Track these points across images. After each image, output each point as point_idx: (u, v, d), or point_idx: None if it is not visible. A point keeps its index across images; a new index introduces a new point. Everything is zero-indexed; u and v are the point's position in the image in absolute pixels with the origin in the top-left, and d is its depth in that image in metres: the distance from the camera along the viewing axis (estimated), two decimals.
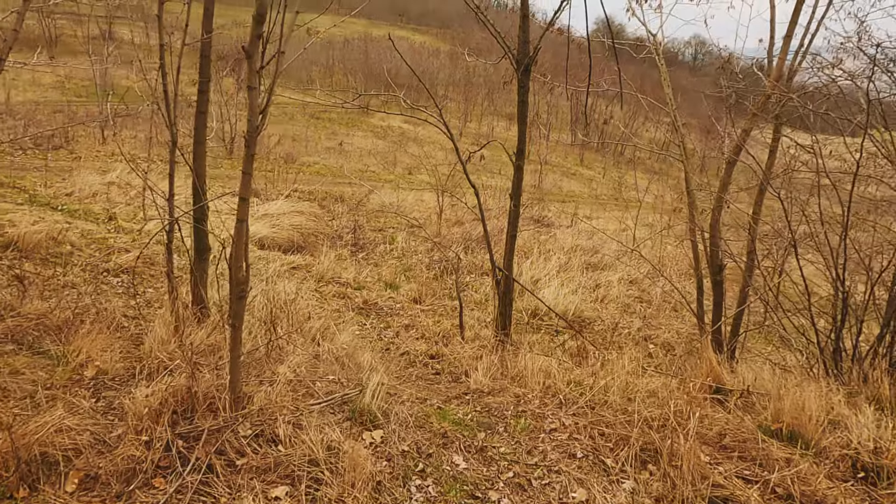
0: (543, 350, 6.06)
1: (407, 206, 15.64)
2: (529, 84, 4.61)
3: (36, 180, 9.10)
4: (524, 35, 4.44)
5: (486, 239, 5.20)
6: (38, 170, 10.48)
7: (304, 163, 22.35)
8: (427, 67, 67.50)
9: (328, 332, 5.10)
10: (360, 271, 9.69)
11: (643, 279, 10.72)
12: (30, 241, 5.90)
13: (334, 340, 4.76)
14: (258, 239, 8.65)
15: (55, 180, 9.26)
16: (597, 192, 33.85)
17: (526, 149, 4.82)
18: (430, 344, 5.79)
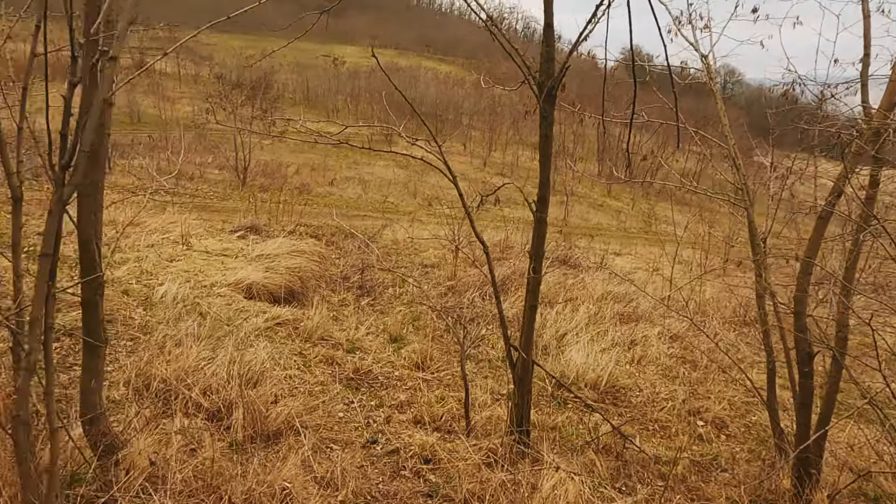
0: (571, 442, 4.84)
1: (422, 243, 14.62)
2: (554, 114, 3.53)
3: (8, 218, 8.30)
4: (548, 50, 3.38)
5: (499, 309, 4.08)
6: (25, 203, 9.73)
7: (319, 193, 21.60)
8: (452, 97, 67.51)
9: (297, 421, 3.99)
10: (362, 322, 8.61)
11: (685, 332, 9.41)
12: None
13: (300, 440, 3.64)
14: (246, 286, 7.66)
15: (30, 217, 8.45)
16: (626, 225, 32.45)
17: (549, 195, 3.72)
18: (429, 433, 4.64)
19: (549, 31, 3.39)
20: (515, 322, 9.18)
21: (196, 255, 8.42)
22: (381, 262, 11.74)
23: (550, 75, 3.42)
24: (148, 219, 9.64)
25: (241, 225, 11.10)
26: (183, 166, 20.54)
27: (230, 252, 9.06)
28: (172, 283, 6.77)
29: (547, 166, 3.66)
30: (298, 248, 9.95)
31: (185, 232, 8.99)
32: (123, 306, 5.98)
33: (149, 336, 5.38)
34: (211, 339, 5.59)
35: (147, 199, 7.67)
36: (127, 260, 7.42)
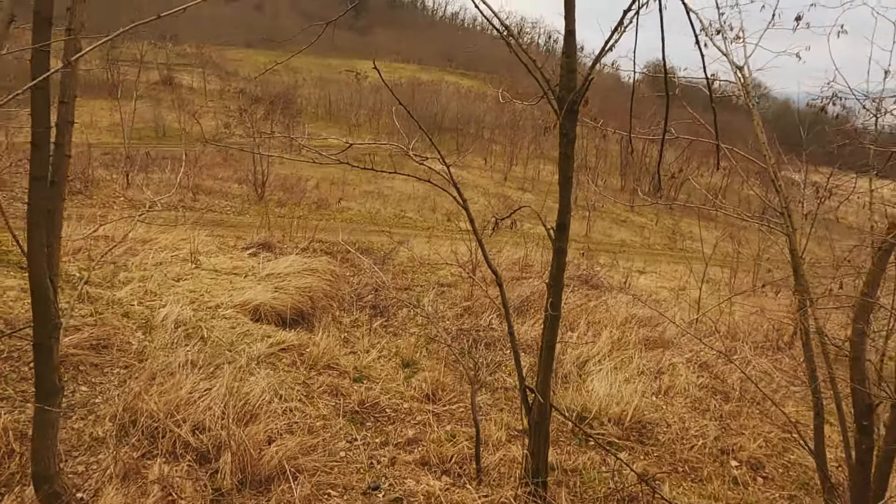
0: (593, 489, 4.39)
1: (440, 259, 14.26)
2: (576, 131, 3.16)
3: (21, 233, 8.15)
4: (568, 60, 3.01)
5: (514, 348, 3.68)
6: None
7: (337, 208, 21.42)
8: (474, 111, 67.49)
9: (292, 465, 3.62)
10: (373, 344, 8.26)
11: (716, 360, 8.86)
12: None
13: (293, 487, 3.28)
14: (252, 308, 7.37)
15: None
16: (649, 242, 31.71)
17: (570, 221, 3.33)
18: (436, 476, 4.24)
19: (570, 39, 3.03)
20: (534, 348, 8.74)
21: (204, 274, 8.18)
22: (389, 288, 11.42)
23: (572, 89, 3.05)
24: (159, 235, 9.45)
25: (254, 242, 10.87)
26: (202, 180, 20.55)
27: (240, 270, 8.81)
28: (175, 305, 6.51)
29: (568, 189, 3.28)
30: (310, 266, 9.66)
31: (194, 249, 8.77)
32: (121, 330, 5.71)
33: (144, 363, 5.09)
34: (209, 368, 5.29)
35: (136, 220, 7.42)
36: (131, 279, 7.19)
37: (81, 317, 5.75)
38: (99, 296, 6.45)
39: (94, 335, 5.32)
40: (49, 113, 2.63)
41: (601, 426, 6.04)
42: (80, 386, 4.64)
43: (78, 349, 5.01)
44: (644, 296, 13.31)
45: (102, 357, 5.16)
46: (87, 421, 4.17)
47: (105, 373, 4.95)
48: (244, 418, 4.39)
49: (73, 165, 15.23)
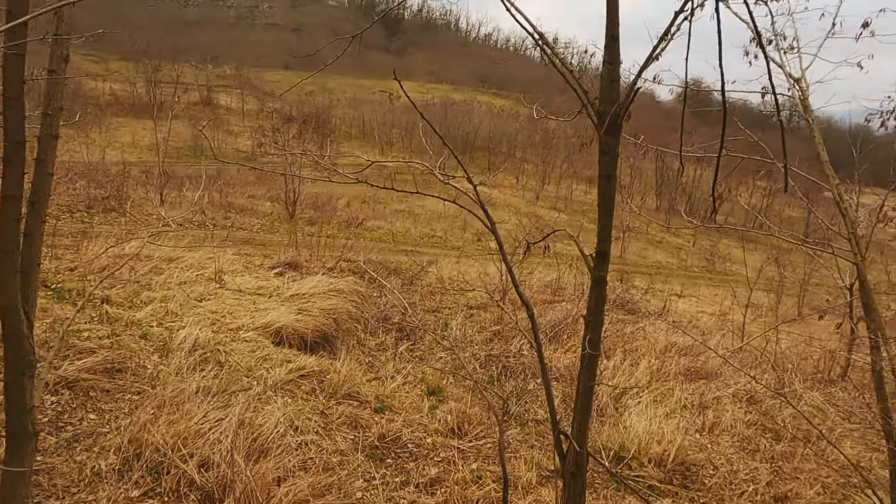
0: None
1: (470, 280, 13.91)
2: (618, 149, 2.81)
3: (45, 252, 8.16)
4: (611, 69, 2.68)
5: (548, 390, 3.30)
6: (69, 235, 9.69)
7: (368, 227, 21.32)
8: (506, 130, 67.52)
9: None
10: (398, 370, 7.94)
11: (764, 393, 8.24)
12: None
13: None
14: (274, 330, 7.14)
15: (69, 251, 8.30)
16: (687, 264, 30.75)
17: (610, 249, 2.96)
18: None
19: (613, 45, 2.69)
20: (567, 377, 8.29)
21: (228, 294, 8.01)
22: (410, 312, 11.11)
23: (614, 101, 2.71)
24: (185, 253, 9.37)
25: (281, 261, 10.72)
26: (235, 198, 20.75)
27: (264, 291, 8.63)
28: (195, 327, 6.32)
29: (609, 213, 2.92)
30: (336, 286, 9.43)
31: (219, 268, 8.63)
32: (138, 353, 5.53)
33: (157, 390, 4.88)
34: (224, 395, 5.04)
35: (146, 241, 7.30)
36: (153, 300, 7.05)
37: (98, 339, 5.59)
38: (119, 316, 6.31)
39: (109, 358, 5.13)
40: (24, 124, 2.41)
41: (641, 468, 5.56)
42: (88, 413, 4.44)
43: (90, 373, 4.83)
44: (684, 322, 12.69)
45: (115, 382, 4.96)
46: (91, 453, 3.95)
47: (116, 399, 4.75)
48: (255, 454, 4.11)
49: (110, 183, 15.48)
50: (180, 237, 10.74)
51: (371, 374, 7.93)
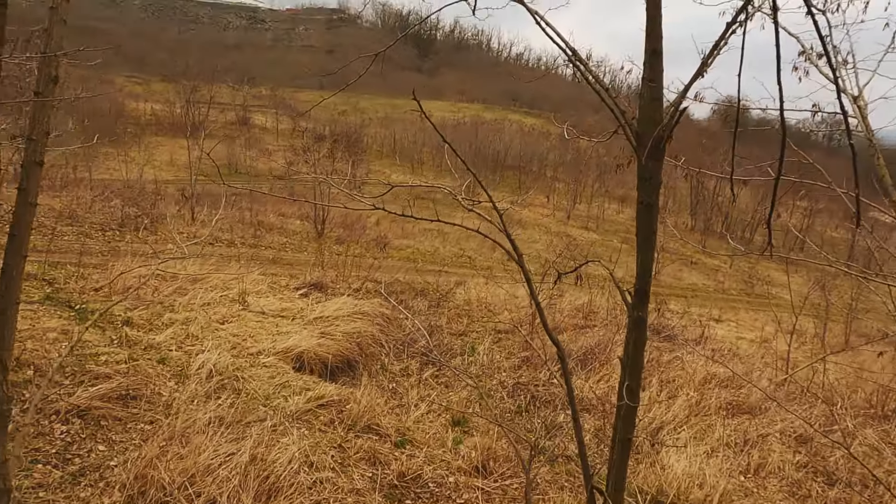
0: None
1: (498, 303, 13.58)
2: (661, 175, 2.53)
3: (72, 271, 8.19)
4: (653, 87, 2.41)
5: (579, 441, 2.98)
6: (99, 254, 9.74)
7: (396, 246, 21.20)
8: (537, 149, 67.32)
9: None
10: (423, 398, 7.65)
11: (815, 431, 7.67)
12: None
13: None
14: (296, 355, 6.95)
15: (95, 270, 8.31)
16: (724, 286, 29.76)
17: (650, 286, 2.66)
18: None
19: (654, 60, 2.42)
20: (598, 408, 7.88)
21: (250, 317, 7.88)
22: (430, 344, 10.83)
23: (657, 121, 2.43)
24: (211, 274, 9.30)
25: (306, 281, 10.60)
26: (266, 217, 20.89)
27: (288, 313, 8.48)
28: (214, 352, 6.16)
29: (649, 247, 2.62)
30: (361, 309, 9.23)
31: (243, 290, 8.53)
32: (154, 379, 5.39)
33: (169, 420, 4.70)
34: (238, 427, 4.83)
35: (154, 269, 7.20)
36: (174, 322, 6.95)
37: (115, 363, 5.46)
38: (138, 339, 6.21)
39: (123, 385, 5.00)
40: None
41: None
42: (97, 444, 4.27)
43: (103, 401, 4.68)
44: (723, 349, 12.09)
45: (129, 410, 4.81)
46: (96, 489, 3.77)
47: (128, 429, 4.59)
48: (265, 494, 3.88)
49: (142, 201, 15.71)
50: (207, 256, 10.71)
51: (394, 402, 7.66)
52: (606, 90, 2.74)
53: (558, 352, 2.91)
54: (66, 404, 4.51)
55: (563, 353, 2.92)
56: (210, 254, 11.57)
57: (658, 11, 2.44)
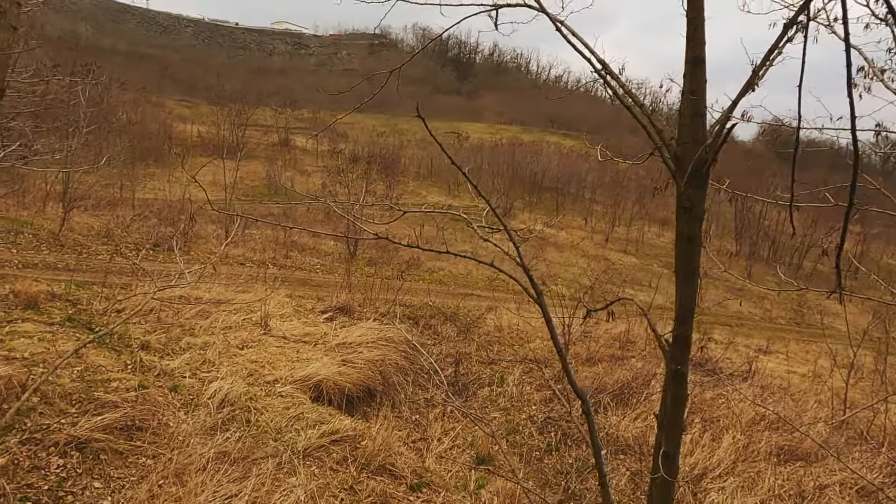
0: None
1: (530, 330, 13.10)
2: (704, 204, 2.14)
3: (98, 291, 8.16)
4: (695, 101, 2.04)
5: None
6: (126, 274, 9.76)
7: (428, 268, 20.94)
8: (575, 170, 66.65)
9: None
10: (446, 431, 7.26)
11: (882, 483, 6.92)
12: None
13: None
14: (314, 383, 6.67)
15: (121, 291, 8.27)
16: (771, 315, 28.40)
17: (692, 332, 2.26)
18: None
19: (697, 70, 2.06)
20: (635, 448, 7.32)
21: (271, 342, 7.67)
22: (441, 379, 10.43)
23: (699, 141, 2.05)
24: (236, 295, 9.18)
25: (333, 305, 10.38)
26: (299, 237, 20.97)
27: (310, 338, 8.24)
28: (228, 379, 5.94)
29: (690, 286, 2.23)
30: (386, 335, 8.93)
31: (267, 313, 8.35)
32: (163, 408, 5.18)
33: (172, 455, 4.46)
34: (244, 464, 4.55)
35: (151, 296, 7.02)
36: (192, 346, 6.78)
37: (125, 391, 5.28)
38: (152, 365, 6.04)
39: (129, 415, 4.79)
40: None
41: None
42: (93, 481, 4.05)
43: (105, 433, 4.48)
44: (773, 385, 11.27)
45: (132, 442, 4.59)
46: None
47: (128, 463, 4.36)
48: None
49: (176, 222, 15.90)
50: (236, 277, 10.63)
51: (416, 435, 7.30)
52: (640, 106, 2.39)
53: (583, 405, 2.52)
54: (66, 435, 4.31)
55: (588, 406, 2.52)
56: (239, 274, 11.51)
57: (700, 14, 2.08)
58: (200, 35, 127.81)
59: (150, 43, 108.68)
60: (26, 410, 4.60)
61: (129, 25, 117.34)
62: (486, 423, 6.09)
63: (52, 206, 15.31)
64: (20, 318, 6.45)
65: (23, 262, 9.59)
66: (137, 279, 8.69)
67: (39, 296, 7.13)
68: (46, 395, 4.83)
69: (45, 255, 10.50)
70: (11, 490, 3.68)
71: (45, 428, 4.43)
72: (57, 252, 10.88)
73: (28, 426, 4.43)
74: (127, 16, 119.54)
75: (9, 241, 10.79)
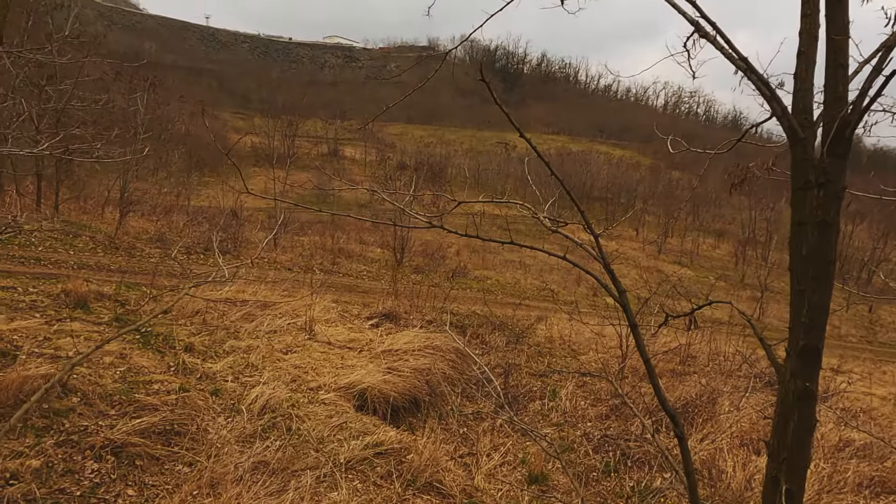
0: None
1: (583, 341, 12.52)
2: (844, 177, 1.69)
3: (147, 292, 8.15)
4: (837, 43, 1.59)
5: None
6: (174, 276, 9.79)
7: (476, 276, 20.57)
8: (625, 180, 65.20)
9: None
10: (496, 447, 6.84)
11: None
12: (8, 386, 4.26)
13: None
14: (358, 391, 6.38)
15: (169, 292, 8.23)
16: (840, 332, 26.64)
17: (823, 344, 1.80)
18: None
19: (836, 8, 1.62)
20: (705, 475, 6.69)
21: (316, 347, 7.44)
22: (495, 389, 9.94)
23: (839, 99, 1.61)
24: (281, 300, 9.04)
25: (379, 311, 10.13)
26: (347, 244, 20.98)
27: (356, 344, 7.98)
28: (269, 385, 5.71)
29: (824, 286, 1.78)
30: (433, 342, 8.59)
31: (311, 318, 8.15)
32: (204, 412, 4.97)
33: (209, 463, 4.22)
34: (283, 476, 4.27)
35: (185, 292, 6.86)
36: (236, 349, 6.60)
37: (166, 393, 5.11)
38: (195, 367, 5.87)
39: (168, 419, 4.60)
40: None
41: None
42: (127, 488, 3.83)
43: (142, 437, 4.29)
44: (852, 406, 10.33)
45: (170, 448, 4.39)
46: None
47: (164, 470, 4.14)
48: None
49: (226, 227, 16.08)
50: (282, 282, 10.51)
51: (464, 449, 6.90)
52: (746, 62, 1.96)
53: (675, 430, 2.08)
54: (102, 438, 4.13)
55: (680, 429, 2.08)
56: (285, 279, 11.41)
57: None
58: (256, 50, 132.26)
59: (210, 58, 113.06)
60: (65, 411, 4.46)
61: (190, 42, 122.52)
62: (543, 439, 5.64)
63: (110, 211, 15.76)
64: (69, 316, 6.43)
65: (78, 262, 9.74)
66: (185, 281, 8.65)
67: (89, 296, 7.13)
68: (87, 396, 4.69)
69: (99, 256, 10.68)
70: (42, 495, 3.50)
71: (83, 430, 4.26)
72: (111, 254, 11.06)
73: (66, 427, 4.28)
74: (188, 33, 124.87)
75: (67, 243, 11.04)
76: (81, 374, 4.96)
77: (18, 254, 9.48)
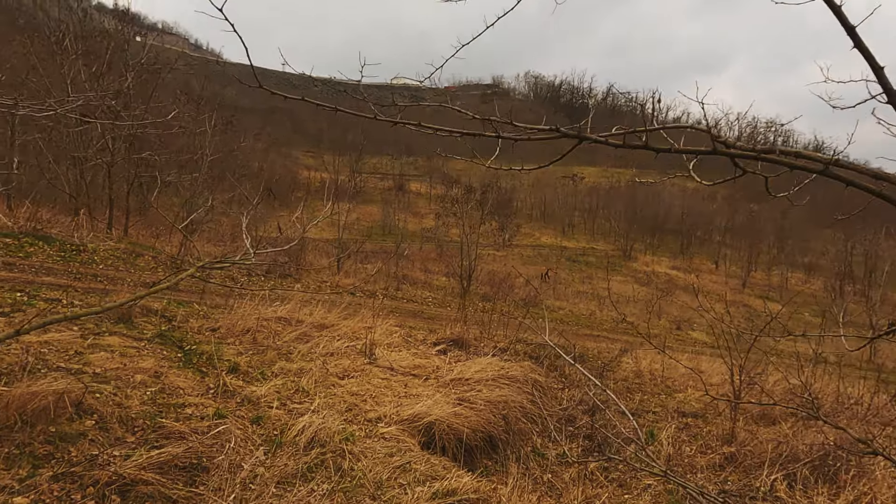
0: None
1: (677, 377, 11.00)
2: None
3: (195, 310, 7.53)
4: None
5: None
6: (225, 296, 9.20)
7: (547, 307, 19.26)
8: (702, 212, 62.27)
9: None
10: (588, 499, 5.60)
11: None
12: (20, 405, 3.53)
13: None
14: (424, 425, 5.35)
15: (218, 312, 7.57)
16: None
17: None
18: None
19: None
20: None
21: (376, 372, 6.50)
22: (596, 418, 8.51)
23: None
24: (341, 321, 8.22)
25: (446, 336, 9.14)
26: (411, 272, 20.27)
27: (421, 371, 6.99)
28: (320, 413, 4.78)
29: None
30: (509, 372, 7.49)
31: (372, 340, 7.25)
32: (239, 444, 4.09)
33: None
34: None
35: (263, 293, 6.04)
36: (286, 371, 5.75)
37: (199, 419, 4.27)
38: (237, 390, 5.05)
39: (195, 450, 3.74)
40: None
41: None
42: None
43: (160, 472, 3.44)
44: None
45: (191, 488, 3.50)
46: None
47: None
48: None
49: (290, 253, 15.65)
50: (343, 305, 9.72)
51: (551, 500, 5.70)
52: None
53: None
54: (110, 473, 3.29)
55: None
56: (348, 303, 10.63)
57: None
58: (328, 92, 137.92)
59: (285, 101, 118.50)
60: (75, 436, 3.68)
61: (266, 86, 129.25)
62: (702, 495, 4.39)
63: (177, 235, 15.73)
64: (108, 331, 5.80)
65: (135, 280, 9.34)
66: (237, 299, 8.00)
67: (134, 310, 6.52)
68: (105, 419, 3.91)
69: (158, 275, 10.30)
70: None
71: (91, 460, 3.45)
72: (170, 273, 10.68)
73: (71, 456, 3.48)
74: (264, 79, 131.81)
75: (129, 262, 10.77)
76: (105, 392, 4.20)
77: (77, 270, 9.19)
